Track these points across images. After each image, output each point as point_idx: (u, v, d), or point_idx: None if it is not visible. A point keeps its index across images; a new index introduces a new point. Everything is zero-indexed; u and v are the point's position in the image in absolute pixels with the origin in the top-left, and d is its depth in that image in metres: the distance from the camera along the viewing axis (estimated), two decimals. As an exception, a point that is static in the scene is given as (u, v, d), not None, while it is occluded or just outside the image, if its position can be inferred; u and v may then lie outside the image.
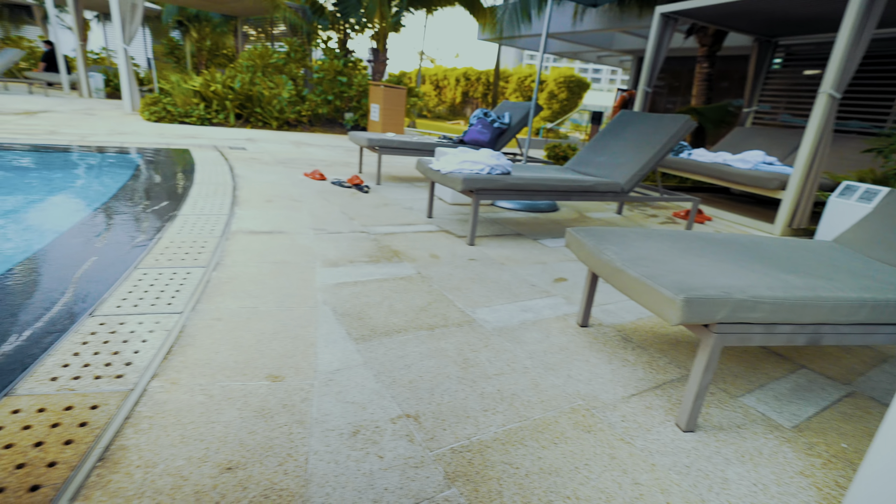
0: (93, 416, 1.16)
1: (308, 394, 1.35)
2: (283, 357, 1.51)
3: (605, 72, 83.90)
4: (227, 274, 2.09)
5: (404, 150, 4.51)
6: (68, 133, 5.63)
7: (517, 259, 2.79)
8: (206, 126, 7.84)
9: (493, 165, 2.91)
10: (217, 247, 2.38)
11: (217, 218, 2.86)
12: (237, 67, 9.03)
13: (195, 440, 1.13)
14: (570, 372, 1.62)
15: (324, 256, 2.45)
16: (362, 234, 2.91)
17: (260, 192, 3.68)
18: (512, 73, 25.51)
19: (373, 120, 8.63)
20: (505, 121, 5.00)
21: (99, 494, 0.96)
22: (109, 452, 1.07)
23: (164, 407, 1.23)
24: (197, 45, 15.25)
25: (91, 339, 1.48)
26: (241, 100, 8.30)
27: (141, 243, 2.35)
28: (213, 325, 1.66)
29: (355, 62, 9.86)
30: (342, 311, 1.87)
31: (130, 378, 1.32)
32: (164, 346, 1.48)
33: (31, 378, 1.28)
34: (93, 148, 4.96)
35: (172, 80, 8.37)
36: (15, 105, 7.99)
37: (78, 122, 6.64)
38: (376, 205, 3.73)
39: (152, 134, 6.28)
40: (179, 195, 3.32)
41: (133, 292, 1.82)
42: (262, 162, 5.04)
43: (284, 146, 6.52)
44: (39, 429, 1.11)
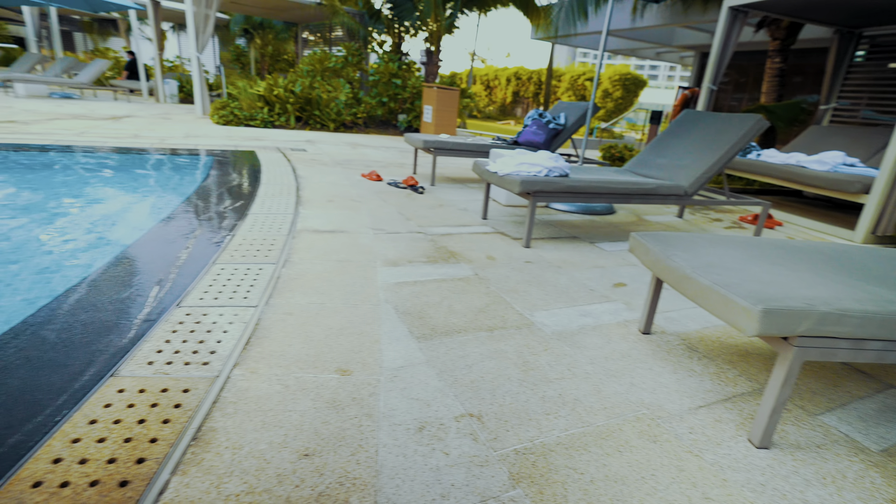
0: (185, 399, 1.27)
1: (375, 388, 1.41)
2: (350, 352, 1.58)
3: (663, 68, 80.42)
4: (295, 271, 2.20)
5: (459, 152, 4.55)
6: (149, 136, 6.10)
7: (574, 262, 2.76)
8: (269, 128, 8.25)
9: (551, 168, 2.89)
10: (285, 245, 2.51)
11: (283, 217, 3.02)
12: (298, 72, 9.43)
13: (275, 426, 1.21)
14: (633, 380, 1.59)
15: (384, 256, 2.53)
16: (419, 235, 2.97)
17: (321, 192, 3.84)
18: (564, 72, 25.02)
19: (425, 121, 8.75)
20: (560, 122, 4.93)
21: (194, 471, 1.05)
22: (201, 433, 1.16)
23: (246, 394, 1.32)
24: (260, 51, 16.05)
25: (179, 328, 1.62)
26: (301, 103, 8.66)
27: (217, 240, 2.53)
28: (285, 318, 1.76)
29: (409, 65, 10.03)
30: (403, 310, 1.93)
31: (215, 366, 1.43)
32: (242, 338, 1.59)
33: (131, 361, 1.41)
34: (171, 150, 5.35)
35: (239, 85, 8.87)
36: (103, 111, 8.74)
37: (157, 126, 7.17)
38: (431, 206, 3.79)
39: (221, 137, 6.68)
40: (249, 195, 3.53)
41: (213, 286, 1.96)
42: (321, 163, 5.25)
43: (341, 147, 6.75)
44: (141, 408, 1.23)
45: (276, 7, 11.33)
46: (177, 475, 1.04)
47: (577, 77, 23.76)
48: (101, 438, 1.11)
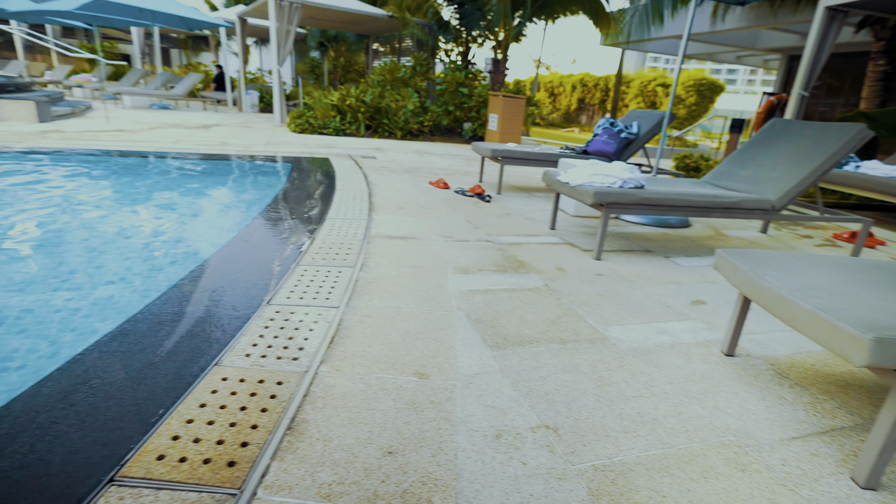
0: (279, 391, 1.38)
1: (452, 393, 1.45)
2: (426, 356, 1.64)
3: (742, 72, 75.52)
4: (371, 275, 2.31)
5: (526, 161, 4.54)
6: (235, 144, 6.60)
7: (648, 277, 2.67)
8: (341, 136, 8.64)
9: (626, 179, 2.82)
10: (361, 249, 2.63)
11: (358, 222, 3.16)
12: (369, 82, 9.82)
13: (360, 423, 1.28)
14: (717, 403, 1.52)
15: (454, 263, 2.58)
16: (488, 244, 3.00)
17: (392, 199, 3.98)
18: (633, 78, 24.16)
19: (491, 129, 8.80)
20: (633, 131, 4.79)
21: (291, 458, 1.14)
22: (295, 423, 1.25)
23: (333, 390, 1.41)
24: (333, 62, 16.87)
25: (270, 325, 1.75)
26: (371, 112, 9.00)
27: (299, 243, 2.69)
28: (364, 320, 1.85)
29: (475, 73, 10.14)
30: (476, 318, 1.96)
31: (304, 361, 1.53)
32: (327, 336, 1.69)
33: (231, 353, 1.55)
34: (255, 157, 5.76)
35: (315, 95, 9.38)
36: (195, 120, 9.56)
37: (241, 134, 7.74)
38: (499, 214, 3.81)
39: (298, 144, 7.09)
40: (325, 200, 3.73)
41: (298, 286, 2.10)
42: (391, 170, 5.43)
43: (409, 155, 6.94)
44: (242, 396, 1.34)
45: (350, 20, 11.87)
46: (276, 460, 1.13)
47: (646, 83, 22.88)
48: (210, 421, 1.23)
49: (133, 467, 1.07)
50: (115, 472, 1.05)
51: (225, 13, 14.64)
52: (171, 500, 0.99)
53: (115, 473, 1.05)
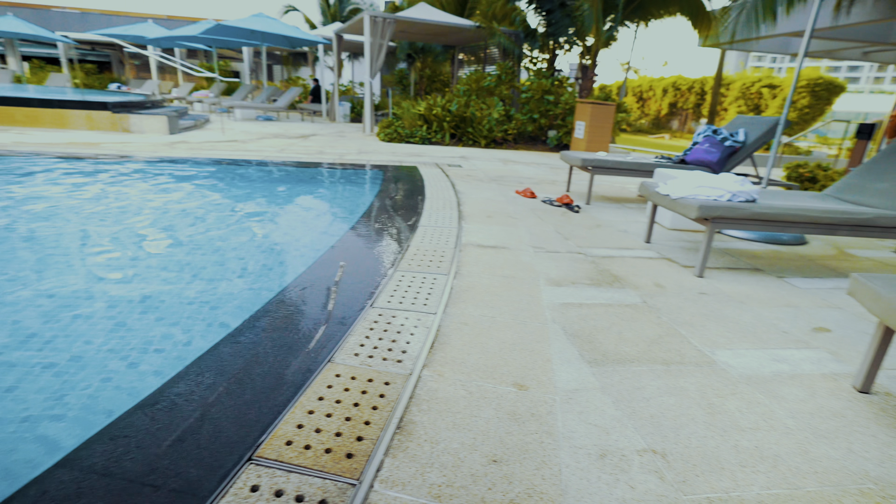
0: (387, 391, 1.46)
1: (552, 407, 1.44)
2: (524, 368, 1.65)
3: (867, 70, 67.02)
4: (465, 283, 2.36)
5: (618, 171, 4.39)
6: (331, 153, 7.05)
7: (759, 298, 2.46)
8: (426, 145, 8.90)
9: (736, 192, 2.63)
10: (453, 258, 2.70)
11: (449, 231, 3.24)
12: (455, 92, 10.03)
13: (464, 429, 1.32)
14: (852, 446, 1.37)
15: (546, 275, 2.56)
16: (579, 256, 2.94)
17: (480, 207, 4.03)
18: (735, 80, 22.32)
19: (577, 137, 8.59)
20: (739, 139, 4.44)
21: (402, 456, 1.20)
22: (404, 423, 1.32)
23: (436, 394, 1.46)
24: (419, 73, 17.43)
25: (375, 327, 1.85)
26: (457, 121, 9.18)
27: (395, 248, 2.82)
28: (461, 328, 1.90)
29: (561, 80, 9.97)
30: (572, 332, 1.94)
31: (407, 364, 1.61)
32: (427, 342, 1.76)
33: (341, 351, 1.67)
34: (350, 165, 6.12)
35: (403, 105, 9.76)
36: (294, 130, 10.35)
37: (336, 144, 8.26)
38: (589, 226, 3.72)
39: (387, 153, 7.42)
40: (417, 208, 3.87)
41: (397, 290, 2.20)
42: (476, 179, 5.50)
43: (493, 164, 6.98)
44: (354, 392, 1.44)
45: (438, 32, 12.23)
46: (389, 457, 1.20)
47: (749, 85, 21.04)
48: (328, 414, 1.33)
49: (267, 449, 1.19)
50: (252, 451, 1.18)
51: (323, 31, 15.71)
52: (300, 483, 1.09)
53: (253, 453, 1.18)
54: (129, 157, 5.83)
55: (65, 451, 1.24)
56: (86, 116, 8.01)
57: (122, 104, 8.32)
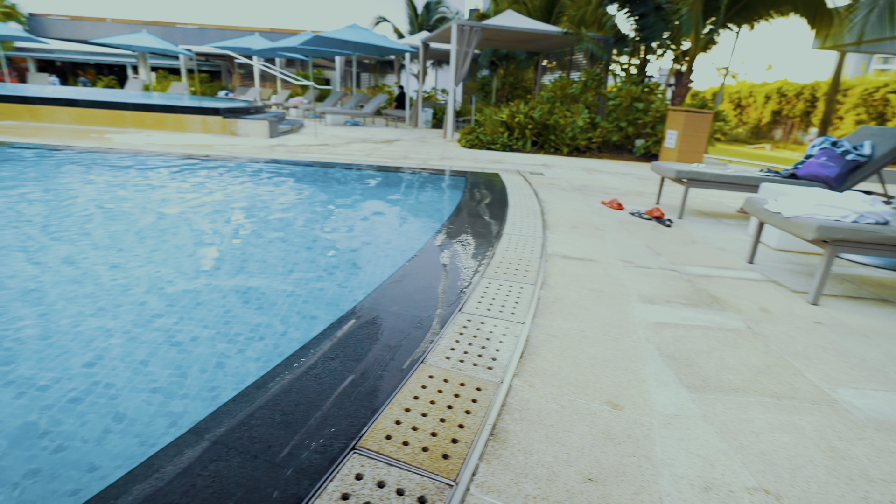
0: (479, 396, 1.48)
1: (649, 431, 1.38)
2: (617, 386, 1.60)
3: None
4: (552, 294, 2.33)
5: (718, 185, 4.11)
6: (415, 158, 7.28)
7: (888, 334, 2.19)
8: (507, 152, 8.89)
9: (864, 213, 2.36)
10: (539, 268, 2.68)
11: (533, 240, 3.22)
12: (538, 98, 9.93)
13: (557, 443, 1.31)
14: None
15: (637, 291, 2.46)
16: (673, 273, 2.79)
17: (564, 217, 3.96)
18: (853, 85, 19.95)
19: (667, 147, 8.15)
20: (864, 152, 3.98)
21: (496, 463, 1.22)
22: (496, 431, 1.34)
23: (528, 405, 1.46)
24: (502, 80, 17.46)
25: (464, 332, 1.89)
26: (539, 128, 9.08)
27: (480, 255, 2.85)
28: (550, 340, 1.88)
29: (652, 87, 9.51)
30: (668, 353, 1.84)
31: (497, 372, 1.62)
32: (516, 351, 1.77)
33: (433, 353, 1.72)
34: (433, 170, 6.28)
35: (485, 112, 9.83)
36: (380, 135, 10.80)
37: (419, 149, 8.50)
38: (682, 241, 3.51)
39: (469, 159, 7.51)
40: (500, 215, 3.88)
41: (484, 297, 2.22)
42: (560, 188, 5.40)
43: (577, 172, 6.82)
44: (447, 395, 1.48)
45: (523, 39, 12.18)
46: (483, 462, 1.22)
47: (872, 91, 18.70)
48: (424, 413, 1.38)
49: (368, 440, 1.26)
50: (355, 441, 1.26)
51: (410, 39, 16.26)
52: (400, 477, 1.14)
53: (356, 443, 1.25)
54: (237, 158, 6.41)
55: (190, 422, 1.39)
56: (201, 121, 8.93)
57: (231, 110, 9.17)
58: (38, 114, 9.08)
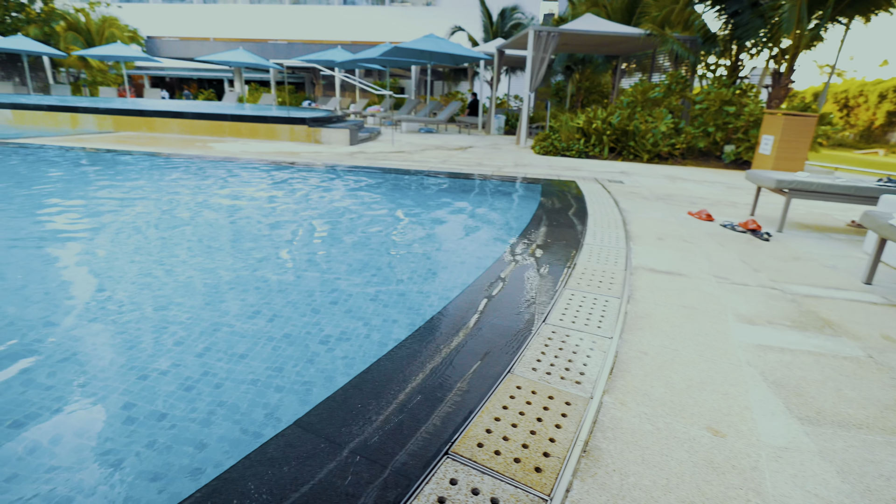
0: (568, 411, 1.46)
1: (757, 463, 1.29)
2: (717, 412, 1.50)
3: None
4: (640, 309, 2.24)
5: (826, 195, 3.73)
6: (489, 164, 7.30)
7: None
8: (583, 158, 8.67)
9: None
10: (624, 281, 2.59)
11: (616, 251, 3.11)
12: (617, 104, 9.59)
13: (654, 466, 1.25)
14: None
15: (734, 310, 2.30)
16: (775, 292, 2.57)
17: (648, 228, 3.79)
18: None
19: (762, 154, 7.53)
20: None
21: (591, 481, 1.19)
22: (589, 448, 1.31)
23: (620, 424, 1.42)
24: (577, 85, 17.05)
25: (550, 343, 1.87)
26: (618, 134, 8.76)
27: (561, 265, 2.81)
28: (641, 357, 1.81)
29: (745, 89, 8.84)
30: (773, 380, 1.71)
31: (586, 387, 1.59)
32: (605, 367, 1.72)
33: (519, 364, 1.72)
34: (508, 178, 6.27)
35: (561, 118, 9.65)
36: (453, 142, 10.96)
37: (492, 156, 8.52)
38: (784, 257, 3.23)
39: (544, 166, 7.41)
40: (579, 225, 3.79)
41: (568, 309, 2.19)
42: (641, 196, 5.17)
43: (659, 180, 6.49)
44: (536, 407, 1.47)
45: (602, 43, 11.83)
46: (577, 479, 1.20)
47: None
48: (514, 424, 1.39)
49: (461, 447, 1.29)
50: (447, 447, 1.29)
51: (484, 47, 16.37)
52: (494, 486, 1.16)
53: (448, 448, 1.28)
54: (321, 165, 6.80)
55: (285, 414, 1.50)
56: (289, 130, 9.56)
57: (316, 119, 9.74)
58: (153, 125, 10.20)
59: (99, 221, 3.95)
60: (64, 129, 10.39)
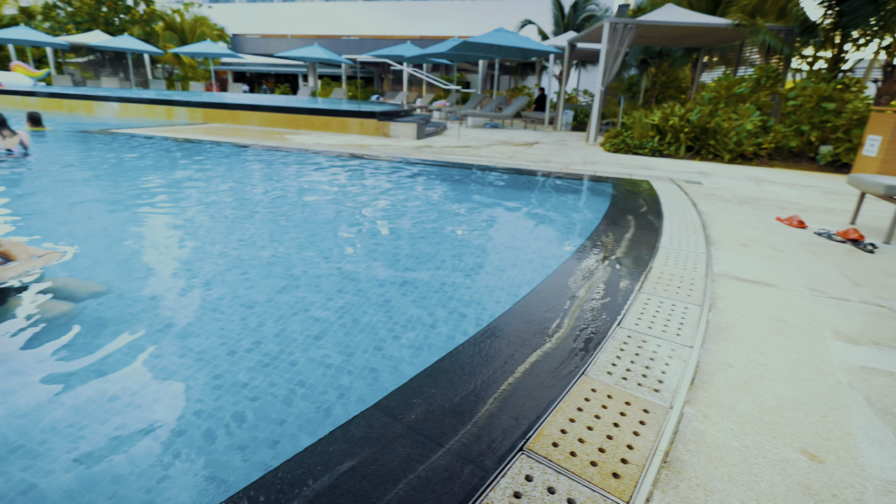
0: (646, 419, 1.41)
1: (862, 495, 1.19)
2: (814, 435, 1.39)
3: None
4: (723, 319, 2.11)
5: (947, 204, 3.31)
6: (557, 161, 7.15)
7: None
8: (657, 157, 8.26)
9: None
10: (705, 288, 2.45)
11: (695, 256, 2.95)
12: (697, 100, 9.03)
13: (742, 485, 1.19)
14: None
15: (833, 326, 2.11)
16: (882, 310, 2.33)
17: (731, 233, 3.55)
18: None
19: (865, 155, 6.80)
20: None
21: (673, 493, 1.15)
22: (670, 459, 1.26)
23: (704, 437, 1.35)
24: (652, 80, 16.23)
25: (625, 348, 1.81)
26: (697, 132, 8.25)
27: (634, 268, 2.71)
28: (725, 370, 1.71)
29: (847, 83, 8.01)
30: (882, 407, 1.55)
31: (665, 396, 1.53)
32: (685, 376, 1.64)
33: (594, 367, 1.68)
34: (577, 175, 6.11)
35: (635, 115, 9.24)
36: (519, 138, 10.83)
37: (559, 152, 8.33)
38: (891, 271, 2.92)
39: (614, 164, 7.14)
40: (653, 227, 3.63)
41: (644, 314, 2.11)
42: (723, 199, 4.86)
43: (742, 182, 6.06)
44: (612, 412, 1.44)
45: (684, 35, 11.16)
46: (657, 490, 1.16)
47: None
48: (589, 427, 1.36)
49: (535, 444, 1.29)
50: (522, 443, 1.29)
51: (555, 40, 15.97)
52: (570, 487, 1.15)
53: (523, 444, 1.28)
54: (390, 158, 6.97)
55: (356, 396, 1.56)
56: (359, 123, 9.88)
57: (385, 113, 9.98)
58: (237, 118, 10.91)
59: (193, 207, 4.30)
60: (161, 120, 11.37)
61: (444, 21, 24.68)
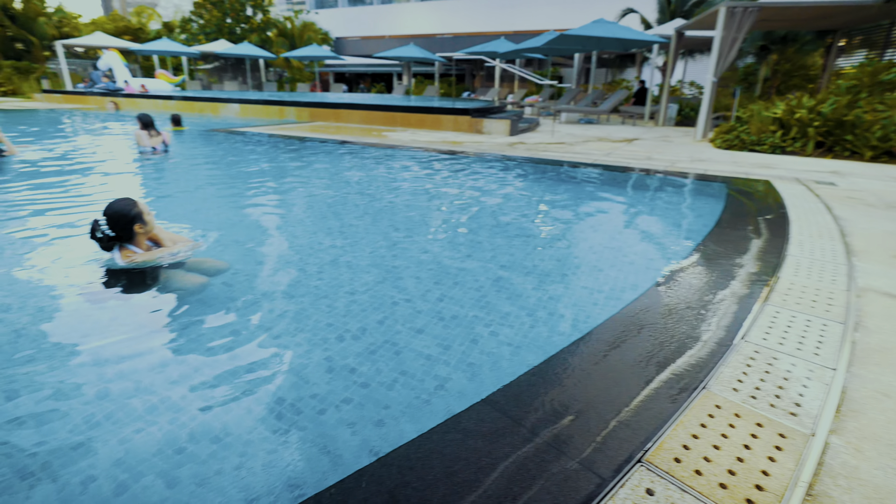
0: (783, 444, 1.28)
1: None
2: None
3: None
4: (874, 340, 1.85)
5: None
6: (660, 159, 6.71)
7: None
8: (778, 155, 7.42)
9: None
10: (848, 303, 2.16)
11: (833, 266, 2.61)
12: (833, 89, 7.96)
13: (909, 534, 1.04)
14: None
15: None
16: None
17: (878, 242, 3.10)
18: None
19: None
20: None
21: (820, 531, 1.04)
22: (814, 493, 1.14)
23: (857, 473, 1.20)
24: (773, 68, 14.59)
25: (752, 364, 1.66)
26: (830, 126, 7.28)
27: (758, 277, 2.46)
28: (879, 399, 1.50)
29: None
30: None
31: (805, 422, 1.38)
32: (828, 402, 1.46)
33: (716, 381, 1.56)
34: (683, 174, 5.69)
35: (751, 108, 8.38)
36: (617, 134, 10.31)
37: (662, 149, 7.80)
38: None
39: (727, 162, 6.54)
40: (778, 232, 3.27)
41: (772, 329, 1.91)
42: (865, 203, 4.24)
43: (889, 184, 5.24)
44: (741, 432, 1.32)
45: (817, 16, 9.87)
46: (801, 525, 1.05)
47: None
48: (715, 446, 1.27)
49: (655, 457, 1.22)
50: (641, 455, 1.23)
51: (659, 29, 14.92)
52: (697, 508, 1.08)
53: (641, 457, 1.23)
54: (483, 154, 7.00)
55: (454, 388, 1.57)
56: (453, 120, 10.03)
57: (479, 110, 10.03)
58: (340, 116, 11.61)
59: (304, 201, 4.66)
60: (274, 119, 12.45)
61: (539, 15, 24.17)
